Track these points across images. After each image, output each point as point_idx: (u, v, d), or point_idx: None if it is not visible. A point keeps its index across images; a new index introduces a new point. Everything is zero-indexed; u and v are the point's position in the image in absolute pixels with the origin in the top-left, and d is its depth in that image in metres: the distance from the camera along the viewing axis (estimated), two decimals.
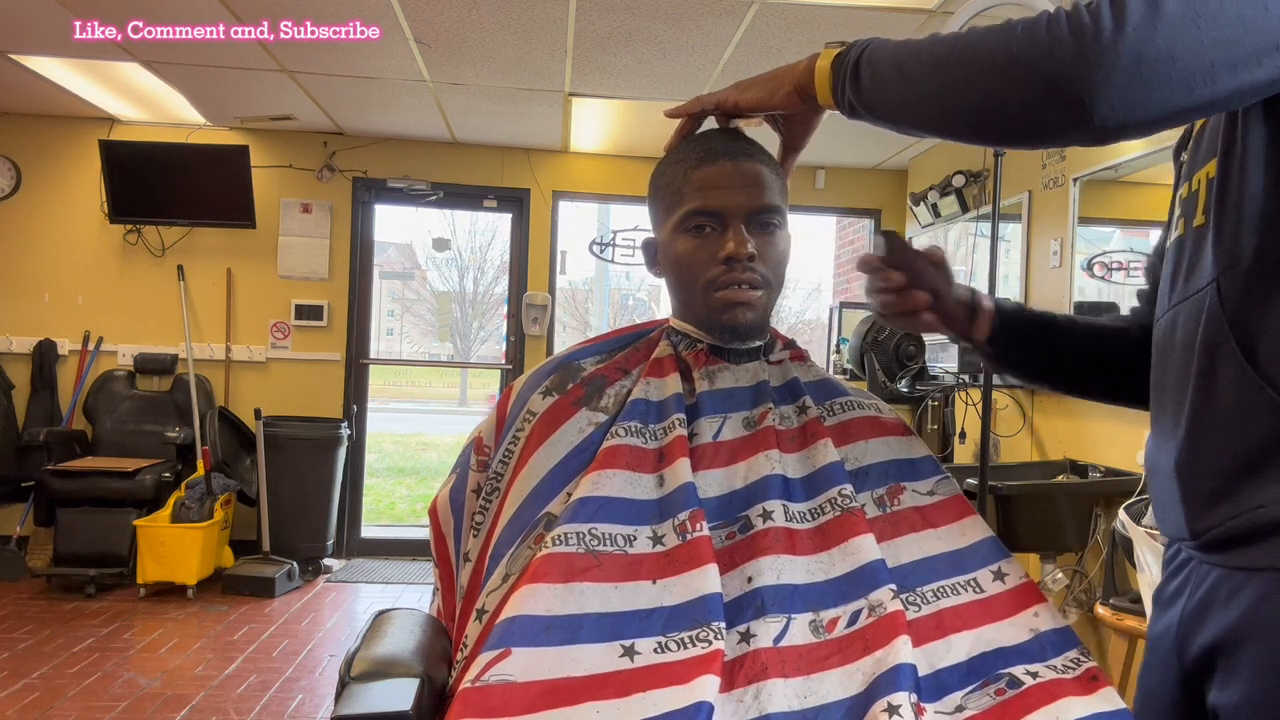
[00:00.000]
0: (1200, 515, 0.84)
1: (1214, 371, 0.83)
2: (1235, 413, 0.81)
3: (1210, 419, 0.83)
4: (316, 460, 4.92)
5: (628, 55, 3.80)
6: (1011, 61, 0.76)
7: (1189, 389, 0.85)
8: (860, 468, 1.11)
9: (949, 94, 0.82)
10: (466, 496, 1.17)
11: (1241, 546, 0.80)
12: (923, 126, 0.87)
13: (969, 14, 2.51)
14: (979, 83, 0.79)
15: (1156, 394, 0.95)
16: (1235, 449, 0.81)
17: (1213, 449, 0.83)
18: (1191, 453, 0.85)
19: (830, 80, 0.95)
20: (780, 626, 0.94)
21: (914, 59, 0.85)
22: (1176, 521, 0.88)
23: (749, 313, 1.11)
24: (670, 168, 1.15)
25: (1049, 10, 0.76)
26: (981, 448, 2.90)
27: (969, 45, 0.81)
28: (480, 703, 0.85)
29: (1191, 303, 0.87)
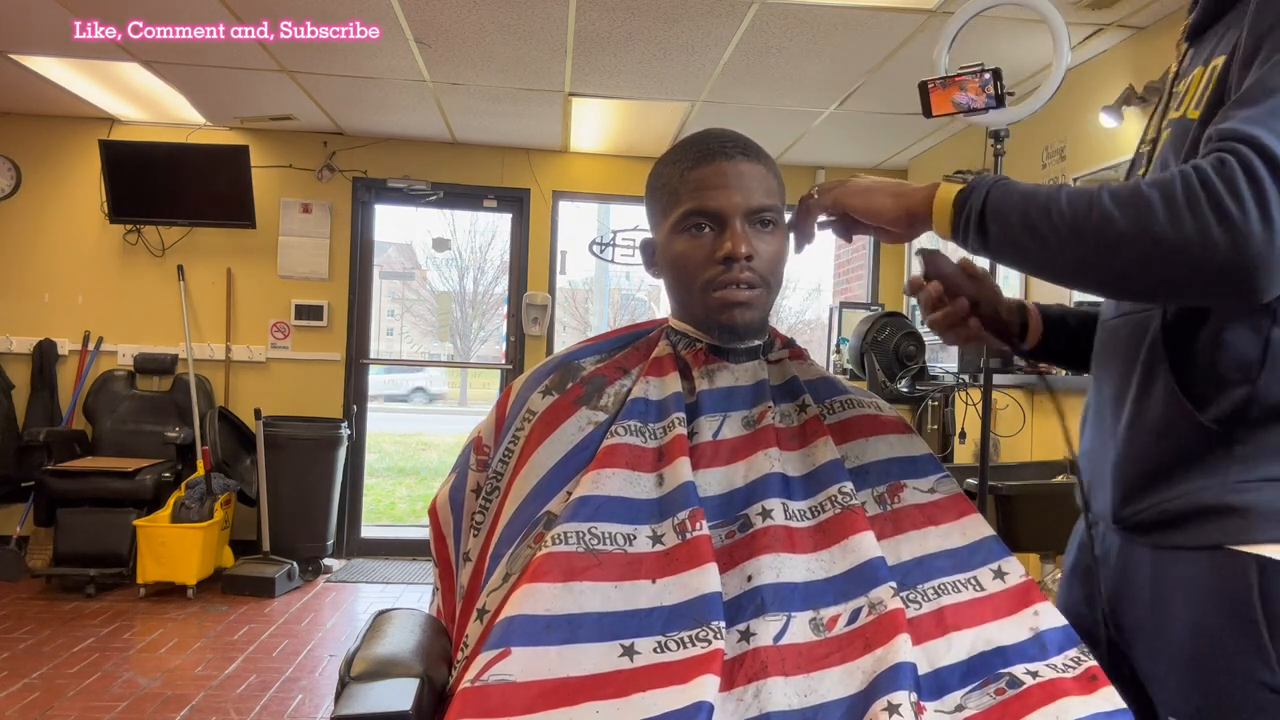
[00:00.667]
0: (1125, 504, 1.01)
1: (1151, 387, 0.98)
2: (1162, 424, 0.97)
3: (1142, 428, 1.00)
4: (316, 460, 4.92)
5: (628, 55, 3.80)
6: (1155, 243, 0.81)
7: (1129, 398, 1.01)
8: (860, 465, 1.11)
9: (1086, 267, 0.87)
10: (466, 496, 1.17)
11: (1150, 530, 0.99)
12: (1055, 281, 0.93)
13: (969, 14, 2.51)
14: (1121, 259, 0.84)
15: (1098, 391, 1.10)
16: (1159, 453, 0.97)
17: (1141, 453, 1.00)
18: (1128, 454, 1.01)
19: (952, 218, 0.97)
20: (780, 625, 0.94)
21: (1045, 219, 0.89)
22: (1105, 505, 1.05)
23: (747, 313, 1.11)
24: (667, 168, 1.15)
25: (1178, 180, 0.81)
26: (981, 448, 2.89)
27: (1106, 217, 0.84)
28: (480, 702, 0.85)
29: (1138, 319, 1.02)
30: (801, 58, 3.74)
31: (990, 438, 3.05)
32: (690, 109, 4.54)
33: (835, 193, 1.08)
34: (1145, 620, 1.00)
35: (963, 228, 0.96)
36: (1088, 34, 3.40)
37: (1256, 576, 0.88)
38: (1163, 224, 0.81)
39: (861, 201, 1.05)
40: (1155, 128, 1.10)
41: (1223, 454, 0.93)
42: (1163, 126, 1.07)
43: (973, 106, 2.39)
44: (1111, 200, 0.85)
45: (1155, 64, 3.27)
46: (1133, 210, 0.83)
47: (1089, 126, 3.61)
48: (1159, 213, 0.81)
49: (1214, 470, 0.93)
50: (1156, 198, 0.82)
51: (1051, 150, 3.91)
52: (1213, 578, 0.92)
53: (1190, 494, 0.94)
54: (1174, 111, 1.04)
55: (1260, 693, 0.88)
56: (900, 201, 1.03)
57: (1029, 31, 3.33)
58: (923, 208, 1.01)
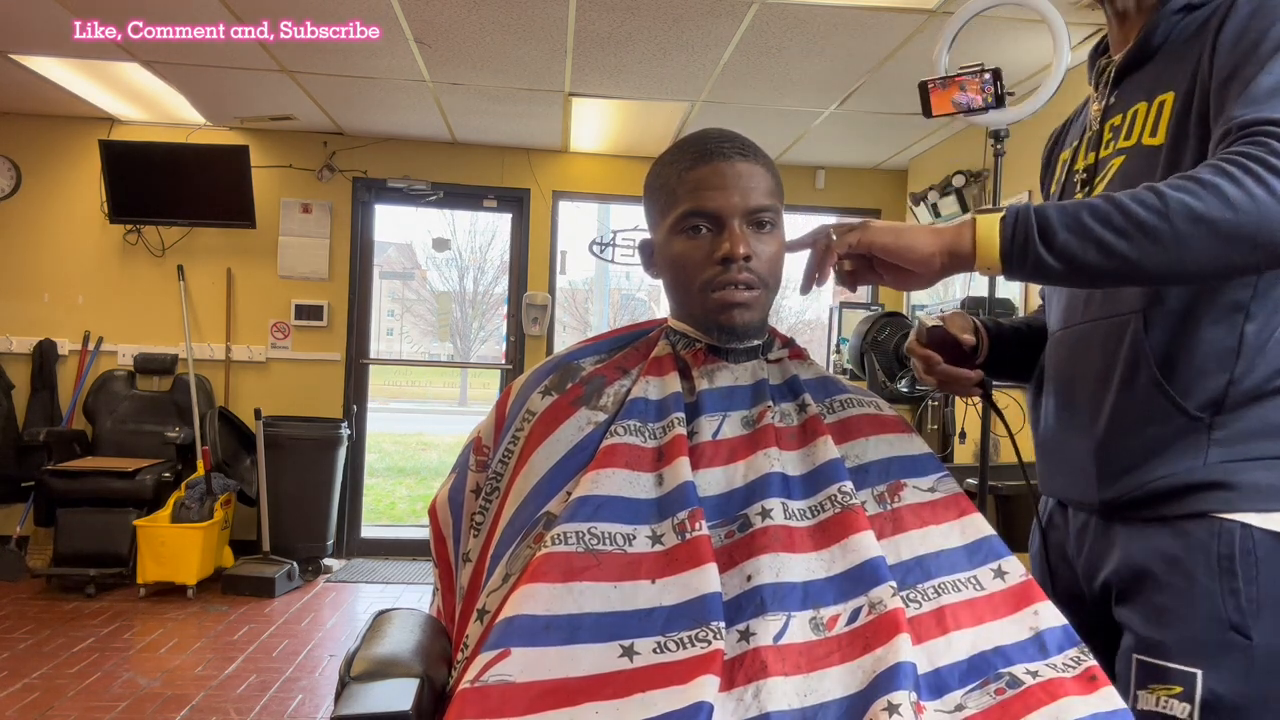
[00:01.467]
0: (1110, 486, 1.11)
1: (1133, 382, 1.08)
2: (1145, 414, 1.07)
3: (1126, 418, 1.09)
4: (316, 460, 4.92)
5: (628, 55, 3.80)
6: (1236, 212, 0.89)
7: (1109, 392, 1.11)
8: (860, 465, 1.11)
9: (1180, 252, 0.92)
10: (466, 497, 1.17)
11: (1140, 507, 1.08)
12: (1129, 278, 0.98)
13: (969, 14, 2.51)
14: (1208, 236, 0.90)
15: (1063, 388, 1.20)
16: (1142, 440, 1.08)
17: (1125, 439, 1.10)
18: (1109, 442, 1.11)
19: (1001, 246, 0.98)
20: (780, 624, 0.94)
21: (1120, 215, 0.93)
22: (1085, 490, 1.15)
23: (746, 313, 1.10)
24: (665, 168, 1.15)
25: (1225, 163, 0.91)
26: (981, 448, 2.89)
27: (1181, 202, 0.91)
28: (479, 703, 0.85)
29: (1112, 324, 1.12)
30: (801, 58, 3.74)
31: (990, 438, 3.05)
32: (690, 109, 4.54)
33: (861, 233, 1.05)
34: (1122, 578, 1.10)
35: (1019, 249, 0.97)
36: (1088, 34, 3.40)
37: (1238, 538, 1.01)
38: (1236, 195, 0.89)
39: (893, 240, 1.04)
40: (1088, 158, 1.20)
41: (1203, 438, 1.04)
42: (1100, 157, 1.18)
43: (973, 106, 2.39)
44: (1174, 190, 0.92)
45: None
46: (1203, 191, 0.90)
47: None
48: (1228, 188, 0.89)
49: (1196, 452, 1.04)
50: (1218, 178, 0.90)
51: None
52: (1201, 539, 1.03)
53: (1177, 474, 1.05)
54: (1119, 142, 1.15)
55: (1227, 633, 1.01)
56: (936, 238, 1.02)
57: (1029, 31, 3.33)
58: (962, 243, 1.01)
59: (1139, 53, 1.15)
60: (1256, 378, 1.02)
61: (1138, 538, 1.08)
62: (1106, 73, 1.21)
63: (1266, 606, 1.00)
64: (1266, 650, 1.00)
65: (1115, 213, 0.93)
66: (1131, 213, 0.92)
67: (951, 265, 1.03)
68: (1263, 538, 1.01)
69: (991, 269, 0.99)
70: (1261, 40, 0.99)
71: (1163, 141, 1.08)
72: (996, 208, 1.01)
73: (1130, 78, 1.17)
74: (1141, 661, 1.05)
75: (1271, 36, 0.98)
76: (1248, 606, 1.00)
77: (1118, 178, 1.12)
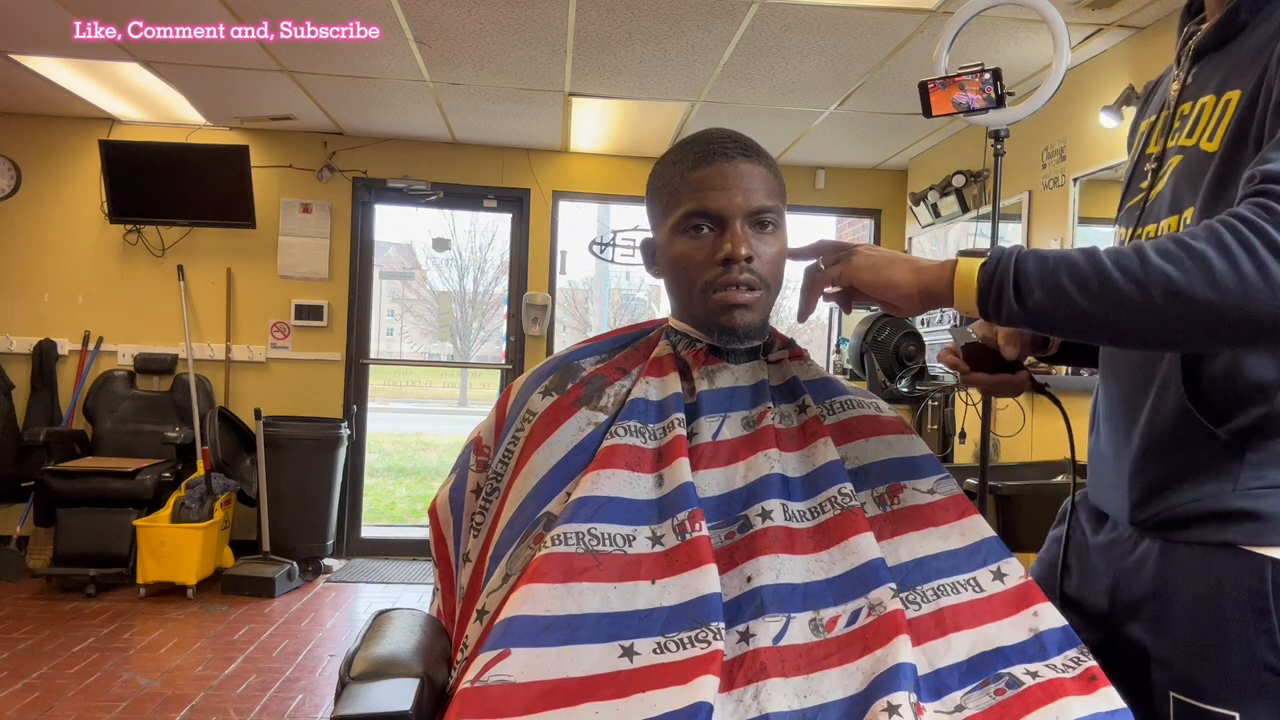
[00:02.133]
0: (1142, 508, 1.08)
1: (1165, 401, 1.05)
2: (1175, 436, 1.04)
3: (1157, 438, 1.06)
4: (316, 460, 4.92)
5: (628, 55, 3.80)
6: (1219, 292, 0.83)
7: (1144, 409, 1.08)
8: (860, 466, 1.10)
9: (1148, 322, 0.87)
10: (466, 497, 1.17)
11: (1172, 529, 1.05)
12: (1100, 339, 0.96)
13: (969, 14, 2.51)
14: (1183, 310, 0.85)
15: (1108, 396, 1.17)
16: (1173, 462, 1.04)
17: (1157, 461, 1.06)
18: (1142, 462, 1.08)
19: (978, 293, 0.95)
20: (780, 626, 0.94)
21: (1096, 277, 0.88)
22: (1120, 507, 1.11)
23: (747, 315, 1.10)
24: (668, 168, 1.15)
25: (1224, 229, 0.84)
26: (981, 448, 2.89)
27: (1162, 271, 0.85)
28: (479, 703, 0.85)
29: None
30: (801, 58, 3.74)
31: (990, 438, 3.05)
32: (690, 109, 4.54)
33: (843, 267, 1.05)
34: (1152, 604, 1.05)
35: (994, 300, 0.93)
36: (1088, 34, 3.40)
37: (1270, 573, 0.96)
38: (1222, 272, 0.83)
39: (872, 277, 1.02)
40: (1159, 144, 1.12)
41: (1234, 462, 1.00)
42: (1168, 147, 1.09)
43: (973, 106, 2.39)
44: (1160, 256, 0.86)
45: (1155, 64, 3.27)
46: (1188, 262, 0.84)
47: (1089, 126, 3.61)
48: (1215, 262, 0.83)
49: (1226, 477, 1.00)
50: (1208, 249, 0.84)
51: (1051, 150, 3.91)
52: (1228, 571, 0.98)
53: (1205, 499, 1.01)
54: (1182, 137, 1.07)
55: (1263, 674, 0.96)
56: (916, 278, 1.00)
57: (1029, 31, 3.33)
58: (941, 285, 0.98)
59: (1220, 31, 1.05)
60: None
61: (1169, 563, 1.05)
62: (1189, 45, 1.10)
63: None
64: None
65: (1093, 277, 0.88)
66: (1109, 279, 0.87)
67: (929, 303, 1.01)
68: None
69: (969, 313, 0.97)
70: None
71: (1217, 149, 1.00)
72: (982, 251, 0.98)
73: (1209, 58, 1.08)
74: (1179, 701, 1.02)
75: None
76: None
77: (1172, 180, 1.07)
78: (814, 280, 1.09)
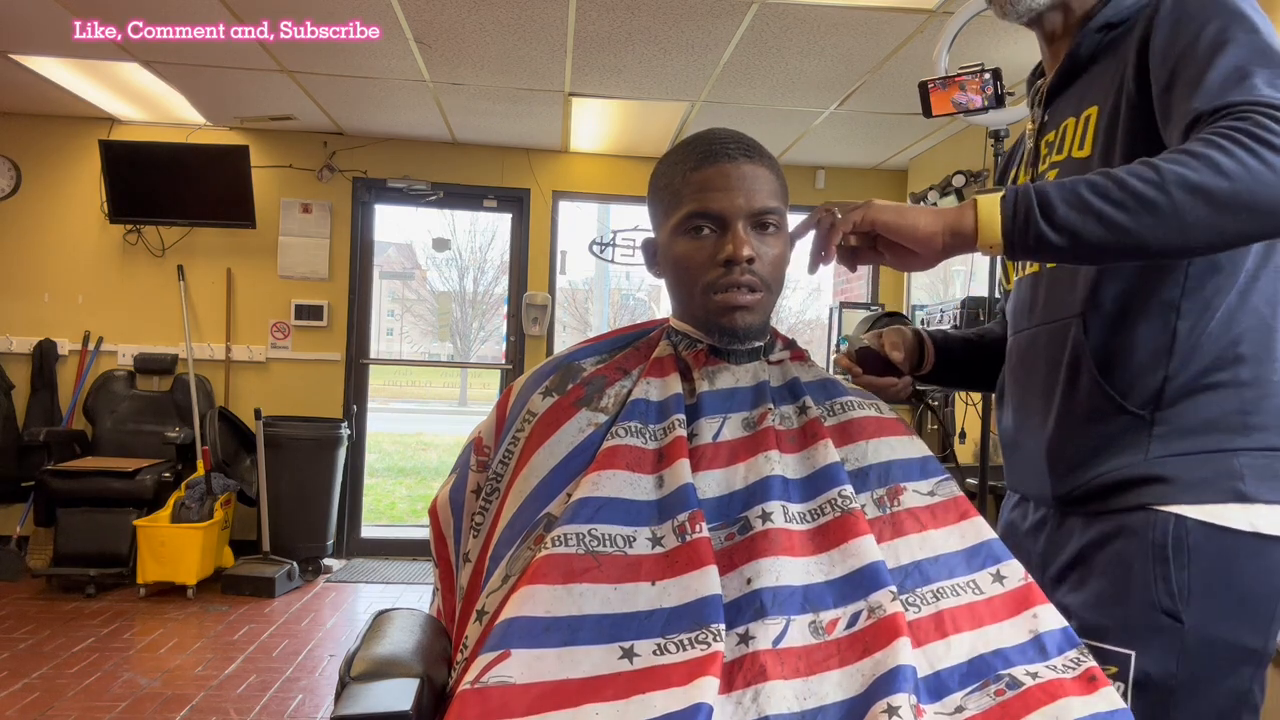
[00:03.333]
0: (1062, 482, 1.17)
1: (1076, 382, 1.14)
2: (1089, 413, 1.13)
3: (1072, 417, 1.15)
4: (316, 460, 4.92)
5: (628, 55, 3.80)
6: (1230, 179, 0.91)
7: (1056, 394, 1.16)
8: (860, 468, 1.10)
9: (1180, 220, 0.93)
10: (466, 497, 1.17)
11: (1088, 501, 1.15)
12: (1128, 250, 0.98)
13: (969, 14, 2.51)
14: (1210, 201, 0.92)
15: (1017, 390, 1.27)
16: (1089, 437, 1.14)
17: (1073, 438, 1.15)
18: (1059, 440, 1.17)
19: (1003, 222, 0.99)
20: (779, 628, 0.94)
21: (1119, 188, 0.94)
22: (1041, 486, 1.20)
23: (748, 316, 1.10)
24: (669, 169, 1.14)
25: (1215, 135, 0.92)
26: (981, 448, 2.89)
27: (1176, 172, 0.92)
28: (479, 704, 0.85)
29: (1055, 327, 1.18)
30: (801, 58, 3.74)
31: (990, 438, 3.05)
32: (690, 109, 4.54)
33: (864, 210, 1.06)
34: (1075, 571, 1.16)
35: (1021, 225, 0.97)
36: None
37: (1172, 527, 1.07)
38: (1227, 165, 0.90)
39: (895, 218, 1.05)
40: (1025, 175, 1.27)
41: (1144, 434, 1.10)
42: (1040, 172, 1.23)
43: (972, 106, 2.39)
44: (1169, 161, 0.93)
45: None
46: (1195, 161, 0.92)
47: None
48: (1219, 158, 0.91)
49: (1137, 448, 1.10)
50: (1207, 150, 0.92)
51: None
52: (1138, 529, 1.09)
53: (1119, 469, 1.11)
54: (1053, 155, 1.20)
55: (1159, 615, 1.07)
56: (939, 218, 1.04)
57: (1029, 31, 3.32)
58: (965, 222, 1.02)
59: (1066, 72, 1.21)
60: (1190, 373, 1.08)
61: (1087, 530, 1.15)
62: (1040, 92, 1.27)
63: (1197, 593, 1.06)
64: (1196, 634, 1.05)
65: (1113, 186, 0.94)
66: (1129, 185, 0.93)
67: (954, 245, 1.04)
68: (1195, 527, 1.06)
69: (994, 248, 1.00)
70: (1195, 43, 1.02)
71: (1089, 153, 1.13)
72: (996, 188, 1.03)
73: (1061, 96, 1.23)
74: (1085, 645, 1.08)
75: (1204, 39, 1.01)
76: (1179, 591, 1.06)
77: None
78: (831, 226, 1.09)
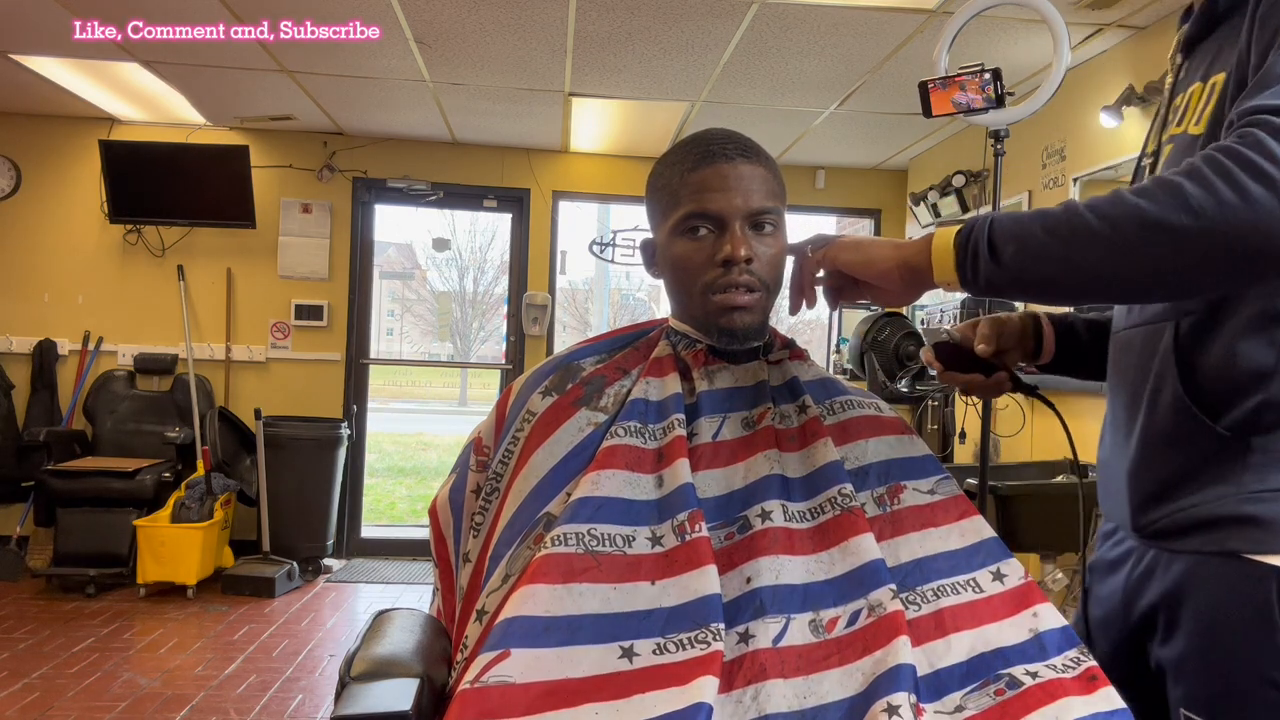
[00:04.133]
0: (1141, 511, 1.03)
1: (1160, 396, 1.00)
2: (1172, 431, 0.98)
3: (1154, 435, 1.01)
4: (316, 460, 4.92)
5: (628, 55, 3.80)
6: (1194, 216, 0.79)
7: (1141, 407, 1.03)
8: (860, 467, 1.10)
9: (1121, 263, 0.83)
10: (466, 497, 1.17)
11: (1171, 537, 1.00)
12: (1078, 293, 0.89)
13: (969, 14, 2.51)
14: (1158, 246, 0.81)
15: (1112, 400, 1.12)
16: (1172, 460, 0.99)
17: (1154, 460, 1.01)
18: (1141, 464, 1.03)
19: (955, 257, 0.93)
20: (779, 627, 0.94)
21: (1069, 222, 0.86)
22: (1123, 514, 1.07)
23: (746, 316, 1.10)
24: (667, 169, 1.14)
25: (1201, 159, 0.80)
26: (981, 448, 2.89)
27: (1135, 206, 0.82)
28: (479, 704, 0.85)
29: (1149, 331, 1.03)
30: (801, 58, 3.74)
31: (990, 438, 3.05)
32: (690, 109, 4.54)
33: (826, 249, 1.06)
34: (1162, 616, 1.01)
35: (970, 261, 0.91)
36: (1088, 34, 3.40)
37: (1275, 585, 0.90)
38: (1196, 198, 0.78)
39: (853, 255, 1.03)
40: (1155, 140, 1.09)
41: (1237, 462, 0.93)
42: (1163, 141, 1.06)
43: (973, 106, 2.39)
44: (1135, 193, 0.83)
45: (1155, 64, 3.27)
46: (1160, 194, 0.81)
47: (1089, 126, 3.61)
48: (1189, 190, 0.79)
49: (1227, 478, 0.94)
50: (1183, 180, 0.80)
51: (1051, 150, 3.91)
52: (1232, 581, 0.93)
53: (1206, 503, 0.95)
54: (1174, 127, 1.03)
55: (1270, 691, 0.91)
56: (896, 252, 1.00)
57: (1029, 31, 3.33)
58: (919, 256, 0.97)
59: (1203, 18, 1.03)
60: None
61: (1174, 573, 1.00)
62: (1178, 38, 1.09)
63: None
64: None
65: (1066, 222, 0.85)
66: (1081, 221, 0.84)
67: (912, 279, 0.99)
68: None
69: (951, 284, 0.94)
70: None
71: (1203, 130, 0.97)
72: (959, 220, 0.99)
73: (1198, 49, 1.05)
74: (1189, 718, 0.98)
75: None
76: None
77: (1165, 169, 1.01)
78: (801, 267, 1.10)
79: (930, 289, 0.99)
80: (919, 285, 0.99)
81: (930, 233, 0.98)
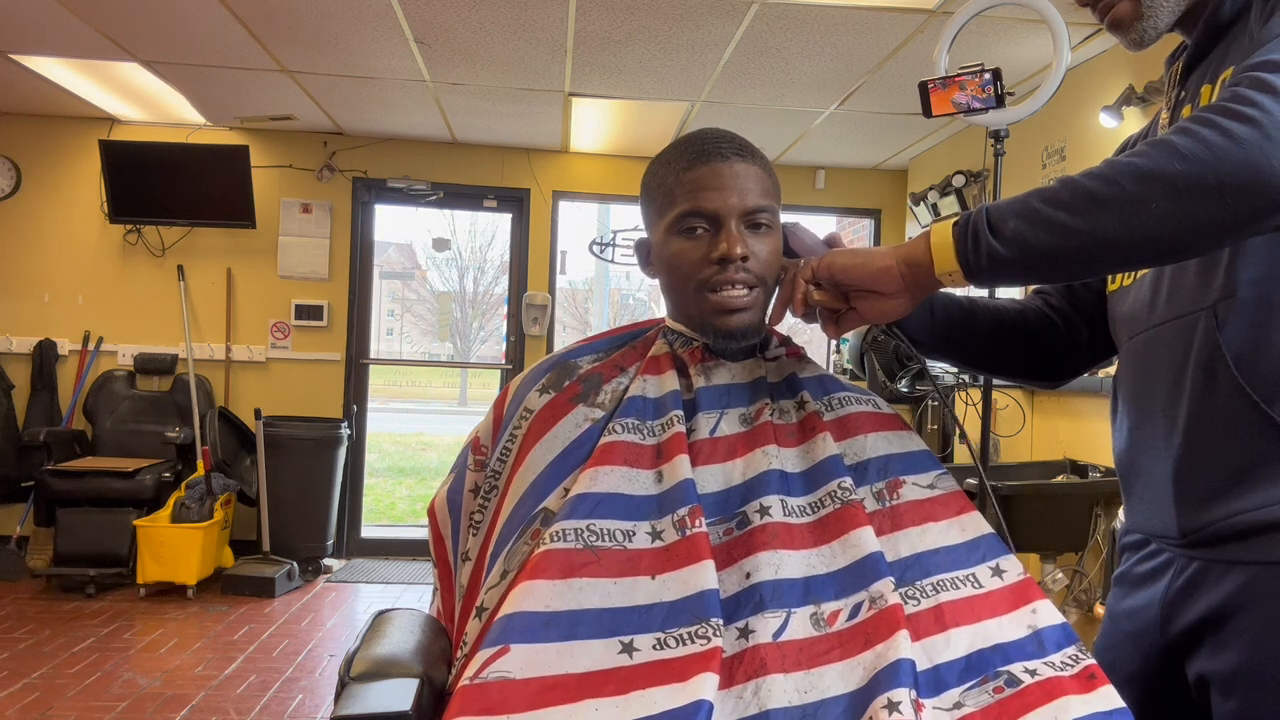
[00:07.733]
0: (1192, 515, 0.96)
1: (1211, 389, 0.93)
2: (1231, 427, 0.92)
3: (1205, 430, 0.94)
4: (316, 460, 4.92)
5: (628, 55, 3.80)
6: (1186, 161, 0.79)
7: (1183, 402, 0.96)
8: (860, 462, 1.10)
9: (1124, 221, 0.82)
10: (464, 496, 1.17)
11: (1227, 543, 0.93)
12: (1086, 263, 0.87)
13: (969, 14, 2.51)
14: (1156, 197, 0.81)
15: (1133, 404, 1.07)
16: (1230, 459, 0.92)
17: (1210, 458, 0.94)
18: (1191, 461, 0.95)
19: (955, 245, 0.92)
20: (779, 622, 0.94)
21: (1067, 190, 0.85)
22: (1165, 520, 1.00)
23: (743, 316, 1.11)
24: (662, 168, 1.15)
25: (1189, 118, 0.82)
26: (981, 448, 2.90)
27: (1129, 164, 0.82)
28: (479, 700, 0.85)
29: (1180, 325, 0.98)
30: (801, 58, 3.74)
31: (990, 438, 3.05)
32: (690, 109, 4.54)
33: (819, 259, 1.05)
34: (1211, 631, 0.96)
35: (971, 245, 0.90)
36: (1088, 34, 3.40)
37: None
38: (1186, 146, 0.80)
39: (849, 259, 1.02)
40: None
41: None
42: None
43: (973, 106, 2.39)
44: (1129, 155, 0.84)
45: (1155, 64, 3.27)
46: (1153, 150, 0.82)
47: (1089, 126, 3.61)
48: (1178, 142, 0.80)
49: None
50: (1172, 135, 0.82)
51: (1051, 150, 3.91)
52: None
53: (1268, 507, 0.89)
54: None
55: None
56: (894, 251, 0.99)
57: (1029, 31, 3.33)
58: (919, 251, 0.96)
59: (1203, 37, 1.03)
60: None
61: (1228, 584, 0.93)
62: (1175, 71, 1.09)
63: None
64: None
65: (1063, 190, 0.85)
66: (1079, 186, 0.84)
67: (912, 276, 0.97)
68: None
69: (952, 275, 0.94)
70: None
71: None
72: (952, 215, 0.97)
73: (1197, 68, 1.06)
74: None
75: None
76: None
77: None
78: (793, 277, 1.08)
79: (933, 288, 0.98)
80: (920, 283, 0.98)
81: (923, 231, 0.97)
